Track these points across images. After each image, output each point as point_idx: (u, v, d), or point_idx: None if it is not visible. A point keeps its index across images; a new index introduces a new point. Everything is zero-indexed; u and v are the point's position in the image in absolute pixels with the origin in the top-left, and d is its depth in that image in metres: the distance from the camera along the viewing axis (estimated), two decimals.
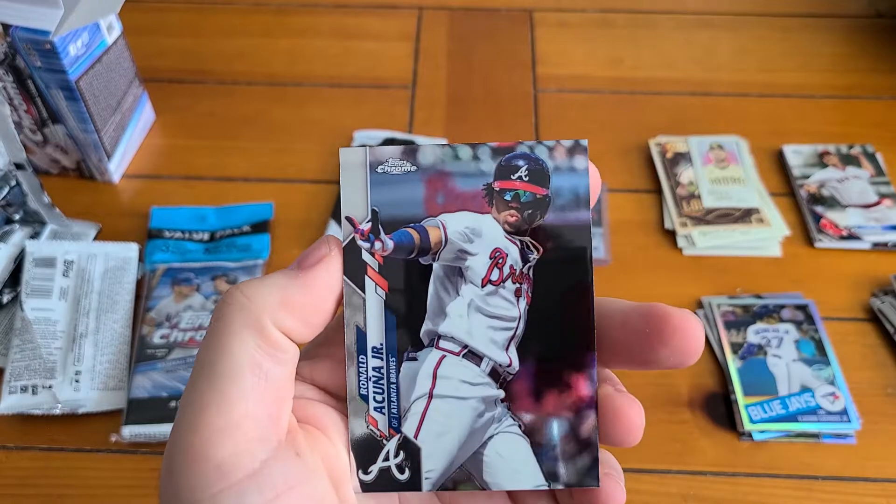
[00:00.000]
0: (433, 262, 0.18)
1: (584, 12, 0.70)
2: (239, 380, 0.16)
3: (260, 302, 0.17)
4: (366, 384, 0.18)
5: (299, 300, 0.17)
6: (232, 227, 0.52)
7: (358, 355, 0.18)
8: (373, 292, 0.18)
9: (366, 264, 0.18)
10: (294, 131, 0.60)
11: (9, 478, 0.42)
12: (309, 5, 0.70)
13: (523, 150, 0.18)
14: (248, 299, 0.17)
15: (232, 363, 0.16)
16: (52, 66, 0.47)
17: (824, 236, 0.52)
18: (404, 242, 0.18)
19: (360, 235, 0.18)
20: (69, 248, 0.48)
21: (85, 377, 0.44)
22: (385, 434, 0.18)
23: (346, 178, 0.18)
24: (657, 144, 0.58)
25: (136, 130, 0.58)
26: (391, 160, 0.18)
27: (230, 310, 0.17)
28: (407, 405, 0.18)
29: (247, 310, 0.17)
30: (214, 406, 0.16)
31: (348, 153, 0.18)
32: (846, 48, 0.67)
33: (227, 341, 0.16)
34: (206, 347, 0.17)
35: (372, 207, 0.18)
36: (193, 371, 0.17)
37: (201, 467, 0.15)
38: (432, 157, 0.18)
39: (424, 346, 0.18)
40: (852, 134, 0.60)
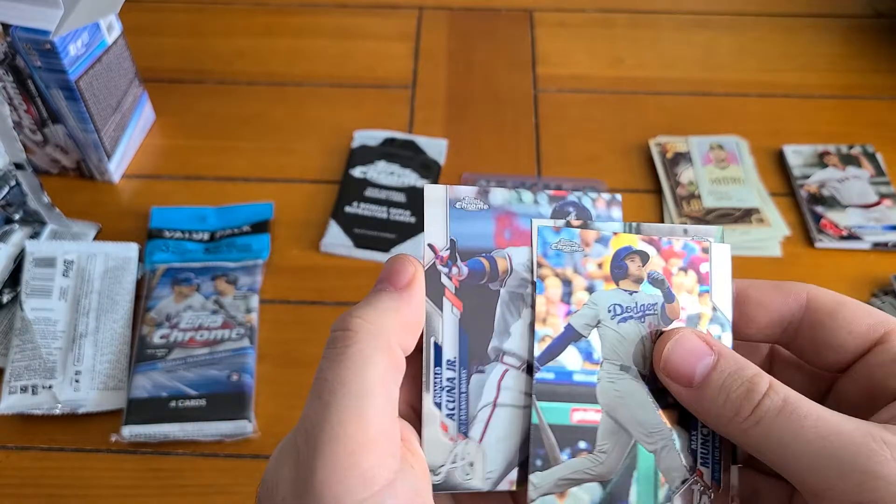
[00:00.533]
0: (500, 288, 0.21)
1: (584, 12, 0.70)
2: (374, 399, 0.18)
3: (386, 326, 0.19)
4: (440, 394, 0.21)
5: (410, 320, 0.20)
6: (232, 227, 0.52)
7: (434, 367, 0.21)
8: (449, 312, 0.21)
9: (444, 287, 0.21)
10: (294, 131, 0.60)
11: (9, 478, 0.42)
12: (309, 5, 0.70)
13: (573, 198, 0.22)
14: (374, 325, 0.19)
15: (366, 384, 0.18)
16: (52, 66, 0.47)
17: (824, 236, 0.52)
18: (477, 269, 0.21)
19: (440, 261, 0.21)
20: (69, 248, 0.48)
21: (85, 377, 0.44)
22: (454, 438, 0.21)
23: (429, 211, 0.21)
24: (657, 144, 0.58)
25: (136, 130, 0.58)
26: (467, 198, 0.21)
27: (361, 336, 0.18)
28: (474, 413, 0.21)
29: (376, 335, 0.18)
30: (354, 422, 0.17)
31: (432, 190, 0.21)
32: (846, 48, 0.66)
33: (362, 365, 0.18)
34: (338, 369, 0.18)
35: (451, 237, 0.21)
36: (323, 390, 0.18)
37: (348, 476, 0.17)
38: (501, 199, 0.21)
39: (491, 360, 0.21)
40: (852, 134, 0.60)
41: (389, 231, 0.52)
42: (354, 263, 0.52)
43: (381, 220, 0.53)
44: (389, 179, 0.55)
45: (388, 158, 0.56)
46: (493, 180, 0.56)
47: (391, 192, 0.54)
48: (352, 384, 0.17)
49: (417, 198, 0.54)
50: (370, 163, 0.56)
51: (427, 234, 0.21)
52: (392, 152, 0.57)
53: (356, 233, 0.52)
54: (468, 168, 0.57)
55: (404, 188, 0.55)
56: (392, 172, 0.55)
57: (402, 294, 0.20)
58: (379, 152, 0.57)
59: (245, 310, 0.47)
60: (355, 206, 0.53)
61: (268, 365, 0.46)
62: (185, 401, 0.43)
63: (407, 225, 0.53)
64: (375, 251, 0.51)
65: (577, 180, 0.56)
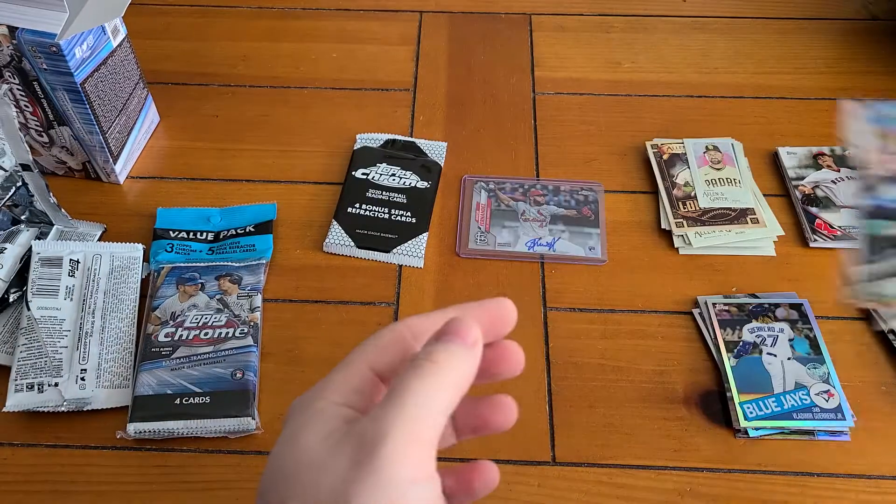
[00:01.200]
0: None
1: (582, 16, 0.71)
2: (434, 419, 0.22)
3: (466, 381, 0.22)
4: None
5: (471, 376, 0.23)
6: (236, 228, 0.53)
7: None
8: None
9: None
10: (297, 133, 0.61)
11: (15, 474, 0.42)
12: (311, 9, 0.71)
13: None
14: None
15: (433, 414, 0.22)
16: (58, 69, 0.48)
17: (819, 236, 0.53)
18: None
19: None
20: (75, 248, 0.49)
21: (90, 375, 0.44)
22: None
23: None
24: (654, 146, 0.59)
25: (141, 132, 0.58)
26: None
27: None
28: None
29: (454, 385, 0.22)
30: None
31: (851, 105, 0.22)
32: (840, 51, 0.67)
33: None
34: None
35: None
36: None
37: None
38: None
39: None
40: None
41: (391, 231, 0.53)
42: (356, 263, 0.52)
43: (382, 221, 0.53)
44: (391, 181, 0.56)
45: (389, 160, 0.57)
46: (493, 182, 0.57)
47: (392, 193, 0.55)
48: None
49: (418, 199, 0.55)
50: (372, 165, 0.57)
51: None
52: (393, 154, 0.58)
53: (358, 233, 0.53)
54: (468, 170, 0.58)
55: (405, 189, 0.55)
56: (393, 174, 0.56)
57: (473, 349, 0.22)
58: (380, 154, 0.58)
59: (249, 309, 0.48)
60: (357, 207, 0.54)
61: (271, 363, 0.47)
62: (189, 398, 0.43)
63: (408, 225, 0.53)
64: (377, 251, 0.52)
65: (575, 181, 0.57)
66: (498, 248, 0.53)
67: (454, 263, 0.52)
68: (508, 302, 0.24)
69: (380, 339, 0.23)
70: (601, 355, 0.47)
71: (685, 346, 0.48)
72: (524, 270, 0.52)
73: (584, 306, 0.50)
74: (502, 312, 0.24)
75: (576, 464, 0.43)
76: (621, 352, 0.48)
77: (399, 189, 0.55)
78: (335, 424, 0.21)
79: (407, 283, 0.51)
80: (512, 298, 0.54)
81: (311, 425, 0.21)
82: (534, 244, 0.53)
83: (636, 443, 0.44)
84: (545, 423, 0.45)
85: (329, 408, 0.21)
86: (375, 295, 0.50)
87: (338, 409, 0.21)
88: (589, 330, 0.49)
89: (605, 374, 0.47)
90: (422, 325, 0.24)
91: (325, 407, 0.21)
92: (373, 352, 0.23)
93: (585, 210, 0.55)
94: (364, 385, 0.22)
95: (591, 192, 0.56)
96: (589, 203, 0.55)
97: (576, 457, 0.43)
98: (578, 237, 0.53)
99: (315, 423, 0.21)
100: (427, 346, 0.22)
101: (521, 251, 0.52)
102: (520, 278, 0.51)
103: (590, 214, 0.55)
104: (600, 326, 0.49)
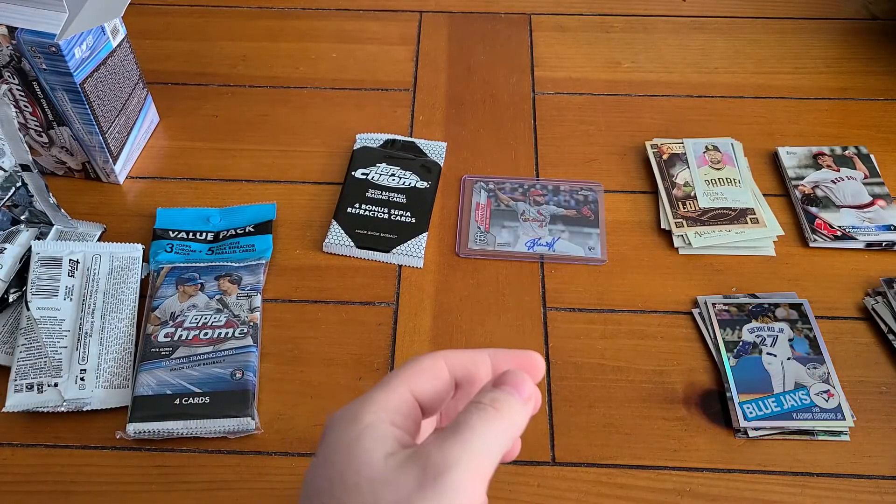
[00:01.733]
0: None
1: (582, 16, 0.71)
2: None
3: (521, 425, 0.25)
4: None
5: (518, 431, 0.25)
6: (235, 228, 0.53)
7: None
8: None
9: None
10: (297, 133, 0.61)
11: (15, 474, 0.42)
12: (311, 9, 0.71)
13: None
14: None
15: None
16: (58, 69, 0.48)
17: (818, 236, 0.53)
18: None
19: None
20: (75, 249, 0.49)
21: (90, 375, 0.44)
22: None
23: None
24: (653, 146, 0.59)
25: (141, 132, 0.58)
26: None
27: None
28: None
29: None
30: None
31: None
32: (840, 50, 0.67)
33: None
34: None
35: None
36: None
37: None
38: None
39: None
40: (846, 135, 0.60)
41: (390, 231, 0.53)
42: (356, 263, 0.52)
43: (382, 221, 0.53)
44: (390, 181, 0.56)
45: (389, 160, 0.57)
46: (493, 182, 0.57)
47: (392, 193, 0.55)
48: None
49: (418, 199, 0.55)
50: (371, 165, 0.57)
51: None
52: (393, 154, 0.58)
53: (358, 233, 0.53)
54: (468, 170, 0.58)
55: (405, 189, 0.55)
56: (393, 174, 0.56)
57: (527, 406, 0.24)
58: (380, 154, 0.58)
59: (248, 309, 0.48)
60: (357, 207, 0.54)
61: (270, 363, 0.47)
62: (189, 398, 0.43)
63: (408, 225, 0.53)
64: (377, 251, 0.52)
65: (575, 181, 0.57)
66: (498, 248, 0.53)
67: (454, 263, 0.52)
68: (538, 356, 0.26)
69: (419, 366, 0.25)
70: (601, 355, 0.47)
71: (685, 346, 0.48)
72: (524, 270, 0.52)
73: (584, 306, 0.50)
74: (531, 363, 0.26)
75: (575, 464, 0.43)
76: (621, 352, 0.48)
77: (399, 189, 0.55)
78: (392, 444, 0.22)
79: (407, 283, 0.51)
80: (512, 298, 0.54)
81: (368, 440, 0.22)
82: (533, 244, 0.53)
83: (636, 443, 0.44)
84: (545, 423, 0.45)
85: (380, 425, 0.23)
86: (375, 295, 0.50)
87: (389, 429, 0.23)
88: (589, 330, 0.49)
89: (605, 374, 0.47)
90: (457, 359, 0.25)
91: (376, 423, 0.23)
92: (412, 377, 0.24)
93: (585, 210, 0.55)
94: (405, 407, 0.24)
95: (590, 192, 0.56)
96: (589, 203, 0.55)
97: (575, 457, 0.43)
98: (578, 237, 0.53)
99: (372, 439, 0.22)
100: (490, 393, 0.24)
101: (521, 251, 0.52)
102: (519, 278, 0.51)
103: (589, 214, 0.55)
104: (600, 326, 0.49)
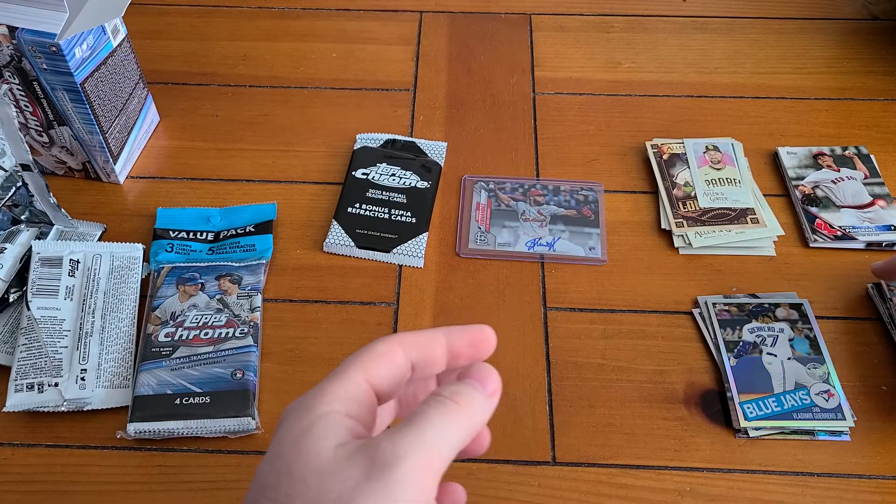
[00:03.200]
0: None
1: (582, 16, 0.71)
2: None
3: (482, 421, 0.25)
4: None
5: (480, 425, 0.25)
6: (236, 228, 0.53)
7: None
8: None
9: None
10: (297, 133, 0.61)
11: (15, 474, 0.42)
12: (311, 9, 0.71)
13: None
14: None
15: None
16: (58, 69, 0.48)
17: (819, 236, 0.53)
18: None
19: None
20: (75, 248, 0.49)
21: (91, 375, 0.44)
22: None
23: None
24: (653, 146, 0.59)
25: (141, 132, 0.58)
26: None
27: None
28: None
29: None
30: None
31: None
32: (840, 51, 0.67)
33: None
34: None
35: None
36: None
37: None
38: None
39: None
40: (846, 135, 0.60)
41: (391, 231, 0.53)
42: (356, 263, 0.52)
43: (382, 221, 0.53)
44: (391, 181, 0.56)
45: (389, 160, 0.57)
46: (493, 182, 0.57)
47: (392, 193, 0.55)
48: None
49: (418, 199, 0.55)
50: (372, 164, 0.57)
51: None
52: (393, 154, 0.58)
53: (358, 233, 0.53)
54: (468, 170, 0.58)
55: (405, 189, 0.55)
56: (393, 174, 0.56)
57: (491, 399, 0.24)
58: (380, 154, 0.58)
59: (249, 308, 0.48)
60: (357, 207, 0.54)
61: (271, 363, 0.47)
62: (189, 398, 0.43)
63: (408, 225, 0.53)
64: (377, 251, 0.52)
65: (575, 181, 0.57)
66: (498, 248, 0.53)
67: (454, 263, 0.52)
68: (489, 330, 0.26)
69: (374, 352, 0.24)
70: (601, 355, 0.47)
71: (685, 346, 0.48)
72: (524, 270, 0.52)
73: (584, 306, 0.50)
74: (483, 337, 0.25)
75: (576, 464, 0.43)
76: (621, 352, 0.48)
77: (399, 189, 0.55)
78: (344, 435, 0.22)
79: (407, 284, 0.51)
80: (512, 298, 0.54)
81: (318, 431, 0.22)
82: (534, 244, 0.53)
83: (636, 443, 0.44)
84: (545, 423, 0.45)
85: (333, 415, 0.22)
86: (375, 295, 0.50)
87: (342, 419, 0.22)
88: (589, 330, 0.49)
89: (605, 374, 0.47)
90: (412, 341, 0.24)
91: (329, 414, 0.22)
92: (367, 363, 0.24)
93: (585, 210, 0.55)
94: (360, 395, 0.23)
95: (591, 191, 0.56)
96: (589, 203, 0.55)
97: (576, 457, 0.43)
98: (578, 237, 0.53)
99: (322, 430, 0.22)
100: (452, 385, 0.23)
101: (521, 251, 0.52)
102: (520, 278, 0.51)
103: (590, 214, 0.55)
104: (600, 326, 0.49)
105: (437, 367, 0.25)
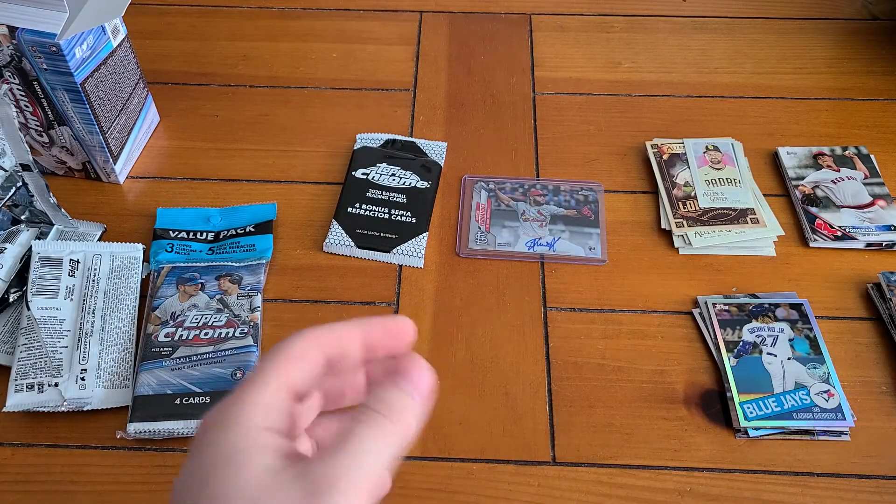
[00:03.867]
0: None
1: (582, 16, 0.71)
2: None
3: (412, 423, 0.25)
4: None
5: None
6: (236, 228, 0.53)
7: None
8: None
9: None
10: (297, 133, 0.61)
11: (15, 474, 0.42)
12: (311, 9, 0.71)
13: None
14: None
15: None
16: (58, 69, 0.48)
17: (819, 236, 0.53)
18: None
19: None
20: (75, 248, 0.49)
21: (91, 375, 0.44)
22: None
23: None
24: (653, 146, 0.59)
25: (141, 132, 0.58)
26: None
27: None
28: None
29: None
30: None
31: None
32: (840, 51, 0.67)
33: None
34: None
35: None
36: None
37: None
38: None
39: None
40: (846, 135, 0.60)
41: (391, 231, 0.53)
42: (356, 263, 0.52)
43: (382, 221, 0.53)
44: (391, 181, 0.56)
45: (389, 160, 0.57)
46: (493, 182, 0.57)
47: (392, 193, 0.55)
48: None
49: (418, 199, 0.55)
50: (372, 164, 0.57)
51: None
52: (393, 154, 0.58)
53: (358, 233, 0.53)
54: (468, 170, 0.58)
55: (405, 189, 0.55)
56: (393, 174, 0.56)
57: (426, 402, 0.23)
58: (380, 154, 0.58)
59: (249, 308, 0.48)
60: (357, 207, 0.54)
61: None
62: (189, 398, 0.43)
63: (408, 225, 0.53)
64: (377, 251, 0.52)
65: (575, 181, 0.57)
66: (498, 248, 0.53)
67: (454, 263, 0.52)
68: (407, 321, 0.25)
69: (290, 353, 0.23)
70: (601, 355, 0.47)
71: (685, 346, 0.48)
72: (524, 270, 0.52)
73: (584, 306, 0.50)
74: (399, 329, 0.25)
75: (576, 464, 0.43)
76: (621, 352, 0.48)
77: (399, 189, 0.55)
78: (271, 455, 0.21)
79: (407, 283, 0.51)
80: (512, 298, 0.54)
81: (246, 455, 0.21)
82: (534, 244, 0.53)
83: (636, 443, 0.44)
84: (545, 423, 0.45)
85: (259, 434, 0.22)
86: (375, 295, 0.50)
87: (269, 438, 0.22)
88: (589, 330, 0.49)
89: (605, 374, 0.47)
90: (328, 337, 0.24)
91: (254, 431, 0.22)
92: (284, 368, 0.23)
93: (585, 210, 0.55)
94: (279, 403, 0.23)
95: (591, 191, 0.56)
96: (589, 203, 0.55)
97: (576, 457, 0.43)
98: (578, 237, 0.53)
99: (250, 453, 0.21)
100: (381, 393, 0.23)
101: (521, 251, 0.52)
102: (520, 278, 0.51)
103: (590, 214, 0.55)
104: (600, 326, 0.49)
105: (352, 360, 0.24)
